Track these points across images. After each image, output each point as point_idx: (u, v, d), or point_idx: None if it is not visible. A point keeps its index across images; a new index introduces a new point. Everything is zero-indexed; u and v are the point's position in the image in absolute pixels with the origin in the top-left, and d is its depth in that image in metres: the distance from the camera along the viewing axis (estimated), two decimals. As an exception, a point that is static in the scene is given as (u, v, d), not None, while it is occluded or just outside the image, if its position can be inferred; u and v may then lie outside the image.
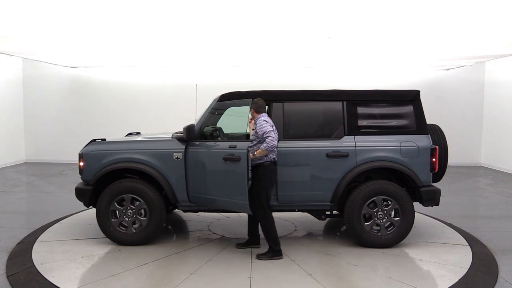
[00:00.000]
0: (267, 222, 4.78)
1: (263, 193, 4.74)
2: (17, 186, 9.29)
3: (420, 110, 5.29)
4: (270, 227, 4.78)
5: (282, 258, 4.76)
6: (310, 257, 4.84)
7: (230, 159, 4.67)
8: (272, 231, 4.79)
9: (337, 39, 8.21)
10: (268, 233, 4.81)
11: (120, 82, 13.01)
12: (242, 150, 4.62)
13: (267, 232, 4.81)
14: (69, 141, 12.58)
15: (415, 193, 5.29)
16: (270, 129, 4.68)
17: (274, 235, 4.80)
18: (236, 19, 6.96)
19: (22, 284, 4.15)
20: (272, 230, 4.78)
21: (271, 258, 4.75)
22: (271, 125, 4.77)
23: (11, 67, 12.28)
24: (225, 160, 4.72)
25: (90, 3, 6.05)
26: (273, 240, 4.79)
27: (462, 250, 5.09)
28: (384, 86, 7.64)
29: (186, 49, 9.77)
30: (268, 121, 4.80)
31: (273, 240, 4.79)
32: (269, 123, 4.76)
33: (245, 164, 4.56)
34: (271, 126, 4.75)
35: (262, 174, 4.74)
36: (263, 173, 4.73)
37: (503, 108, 11.84)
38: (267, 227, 4.79)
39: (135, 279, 4.20)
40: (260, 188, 4.75)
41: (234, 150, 4.70)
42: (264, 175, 4.74)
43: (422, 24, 7.10)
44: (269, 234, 4.80)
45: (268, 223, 4.78)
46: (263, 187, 4.74)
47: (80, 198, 5.30)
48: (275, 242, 4.79)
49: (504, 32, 7.79)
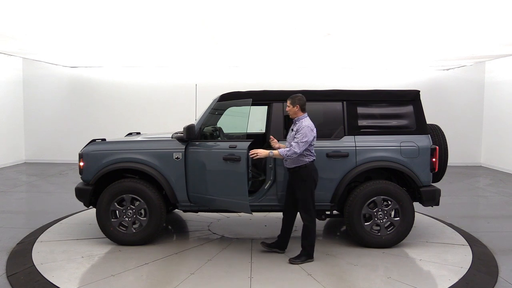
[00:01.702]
0: (313, 226, 4.66)
1: (309, 195, 4.62)
2: (17, 186, 9.29)
3: (420, 110, 5.29)
4: (312, 231, 4.66)
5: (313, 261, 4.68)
6: (310, 257, 4.84)
7: (230, 159, 4.67)
8: (312, 235, 4.67)
9: (336, 37, 8.20)
10: (307, 236, 4.67)
11: (120, 82, 13.01)
12: (242, 150, 4.62)
13: (306, 235, 4.67)
14: (69, 141, 12.59)
15: (415, 193, 5.29)
16: (309, 140, 4.46)
17: (313, 239, 4.68)
18: (236, 19, 6.96)
19: (22, 284, 4.15)
20: (312, 234, 4.67)
21: (304, 261, 4.64)
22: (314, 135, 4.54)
23: (11, 67, 12.28)
24: (225, 160, 4.72)
25: (90, 3, 6.05)
26: (311, 244, 4.69)
27: (462, 250, 5.09)
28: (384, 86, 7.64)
29: (186, 49, 9.77)
30: (312, 128, 4.55)
31: (310, 244, 4.69)
32: (312, 131, 4.53)
33: (245, 164, 4.55)
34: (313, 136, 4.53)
35: (305, 175, 4.57)
36: (307, 174, 4.58)
37: (503, 108, 11.84)
38: (309, 230, 4.66)
39: (135, 279, 4.20)
40: (305, 189, 4.59)
41: (234, 150, 4.69)
42: (308, 176, 4.58)
43: (422, 24, 7.10)
44: (308, 237, 4.67)
45: (312, 227, 4.65)
46: (308, 188, 4.60)
47: (80, 198, 5.29)
48: (311, 246, 4.69)
49: (504, 32, 7.79)
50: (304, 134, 4.47)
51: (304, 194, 4.61)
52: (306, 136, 4.46)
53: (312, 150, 4.63)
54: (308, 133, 4.48)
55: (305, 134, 4.46)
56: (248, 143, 4.69)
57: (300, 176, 4.59)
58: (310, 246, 4.69)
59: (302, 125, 4.53)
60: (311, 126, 4.55)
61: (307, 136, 4.46)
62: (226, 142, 5.08)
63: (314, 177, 4.65)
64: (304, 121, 4.58)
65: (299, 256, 4.68)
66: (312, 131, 4.53)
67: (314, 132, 4.56)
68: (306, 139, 4.45)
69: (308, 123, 4.56)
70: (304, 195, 4.61)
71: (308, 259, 4.67)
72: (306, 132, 4.47)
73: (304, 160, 4.56)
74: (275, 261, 4.70)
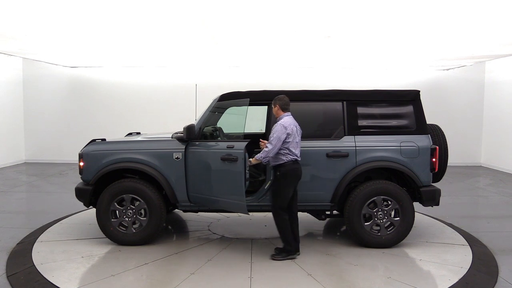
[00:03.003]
0: (279, 222, 4.72)
1: (278, 192, 4.69)
2: (17, 186, 9.29)
3: (420, 110, 5.29)
4: (281, 227, 4.72)
5: (295, 258, 4.72)
6: (310, 257, 4.83)
7: (228, 159, 4.67)
8: (283, 231, 4.72)
9: (336, 38, 8.21)
10: (280, 232, 4.76)
11: (120, 82, 13.01)
12: (239, 150, 4.61)
13: (279, 232, 4.77)
14: (69, 141, 12.59)
15: (415, 193, 5.29)
16: (279, 136, 4.53)
17: (287, 235, 4.73)
18: (236, 19, 6.96)
19: (22, 284, 4.15)
20: (283, 230, 4.72)
21: (284, 258, 4.71)
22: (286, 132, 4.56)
23: (11, 67, 12.28)
24: (223, 160, 4.72)
25: (90, 3, 6.05)
26: (285, 240, 4.74)
27: (462, 250, 5.09)
28: (384, 86, 7.65)
29: (186, 49, 9.77)
30: (286, 125, 4.60)
31: (285, 239, 4.74)
32: (285, 128, 4.57)
33: (242, 164, 4.54)
34: (285, 133, 4.56)
35: (281, 174, 4.64)
36: (283, 173, 4.64)
37: (503, 108, 11.84)
38: (279, 227, 4.73)
39: (135, 279, 4.20)
40: (277, 186, 4.69)
41: (232, 150, 4.69)
42: (283, 175, 4.63)
43: (422, 24, 7.10)
44: (281, 234, 4.75)
45: (280, 223, 4.71)
46: (280, 186, 4.67)
47: (80, 198, 5.29)
48: (287, 242, 4.74)
49: (504, 32, 7.79)
50: (275, 131, 4.59)
51: (275, 191, 4.72)
52: (276, 132, 4.56)
53: (293, 150, 4.64)
54: (279, 129, 4.57)
55: (275, 131, 4.58)
56: (245, 143, 4.68)
57: (277, 173, 4.67)
58: (284, 243, 4.76)
59: (277, 123, 4.65)
60: (285, 124, 4.61)
61: (277, 132, 4.55)
62: (224, 142, 5.06)
63: (290, 177, 4.67)
64: (281, 120, 4.66)
65: (280, 252, 4.77)
66: (286, 128, 4.58)
67: (289, 129, 4.59)
68: (276, 134, 4.54)
69: (283, 120, 4.64)
70: (275, 193, 4.72)
71: (289, 256, 4.73)
72: (277, 129, 4.58)
73: (282, 158, 4.63)
74: (275, 261, 4.70)
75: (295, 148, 4.66)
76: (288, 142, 4.60)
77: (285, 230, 4.73)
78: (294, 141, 4.64)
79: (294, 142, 4.64)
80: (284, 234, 4.74)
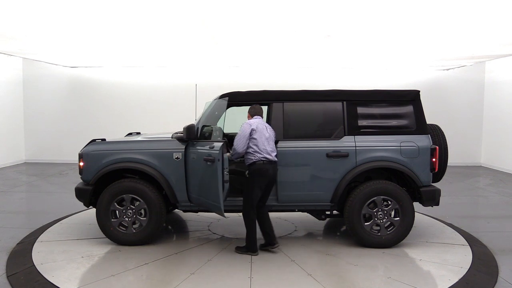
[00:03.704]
0: (246, 221, 4.82)
1: (247, 191, 4.79)
2: (17, 186, 9.29)
3: (420, 110, 5.29)
4: (248, 225, 4.82)
5: (257, 255, 4.81)
6: (310, 257, 4.84)
7: (209, 159, 4.66)
8: (249, 230, 4.82)
9: (336, 38, 8.21)
10: (246, 230, 4.86)
11: (120, 82, 13.01)
12: (215, 151, 4.58)
13: (246, 229, 4.86)
14: (69, 141, 12.59)
15: (415, 193, 5.29)
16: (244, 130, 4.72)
17: (251, 235, 4.82)
18: (236, 19, 6.96)
19: (22, 284, 4.15)
20: (249, 229, 4.82)
21: (245, 252, 4.85)
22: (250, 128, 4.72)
23: (11, 67, 12.29)
24: (205, 161, 4.72)
25: (90, 3, 6.06)
26: (248, 238, 4.84)
27: (462, 250, 5.09)
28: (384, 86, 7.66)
29: (186, 49, 9.77)
30: (251, 122, 4.78)
31: (248, 237, 4.84)
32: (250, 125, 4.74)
33: (218, 165, 4.50)
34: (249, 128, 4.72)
35: (249, 173, 4.80)
36: (251, 172, 4.78)
37: (503, 108, 11.84)
38: (246, 226, 4.84)
39: (135, 279, 4.20)
40: (246, 185, 4.83)
41: (211, 150, 4.66)
42: (251, 174, 4.78)
43: (422, 24, 7.11)
44: (247, 232, 4.86)
45: (247, 221, 4.81)
46: (248, 186, 4.79)
47: (80, 198, 5.29)
48: (249, 240, 4.84)
49: (504, 32, 7.79)
50: (240, 130, 4.78)
51: (245, 191, 4.82)
52: (241, 130, 4.77)
53: (262, 147, 4.71)
54: (244, 126, 4.76)
55: (241, 129, 4.78)
56: (221, 144, 4.61)
57: (247, 173, 4.82)
58: (248, 240, 4.84)
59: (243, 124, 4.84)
60: (250, 122, 4.79)
61: (242, 129, 4.75)
62: (209, 142, 4.92)
63: (257, 177, 4.74)
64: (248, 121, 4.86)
65: (242, 247, 4.90)
66: (250, 125, 4.74)
67: (254, 126, 4.74)
68: (240, 131, 4.75)
69: (249, 120, 4.85)
70: (244, 193, 4.84)
71: (249, 252, 4.83)
72: (243, 127, 4.78)
73: (250, 158, 4.75)
74: (275, 261, 4.70)
75: (264, 145, 4.73)
76: (255, 139, 4.71)
77: (250, 230, 4.82)
78: (261, 138, 4.72)
79: (263, 139, 4.73)
80: (249, 234, 4.83)
